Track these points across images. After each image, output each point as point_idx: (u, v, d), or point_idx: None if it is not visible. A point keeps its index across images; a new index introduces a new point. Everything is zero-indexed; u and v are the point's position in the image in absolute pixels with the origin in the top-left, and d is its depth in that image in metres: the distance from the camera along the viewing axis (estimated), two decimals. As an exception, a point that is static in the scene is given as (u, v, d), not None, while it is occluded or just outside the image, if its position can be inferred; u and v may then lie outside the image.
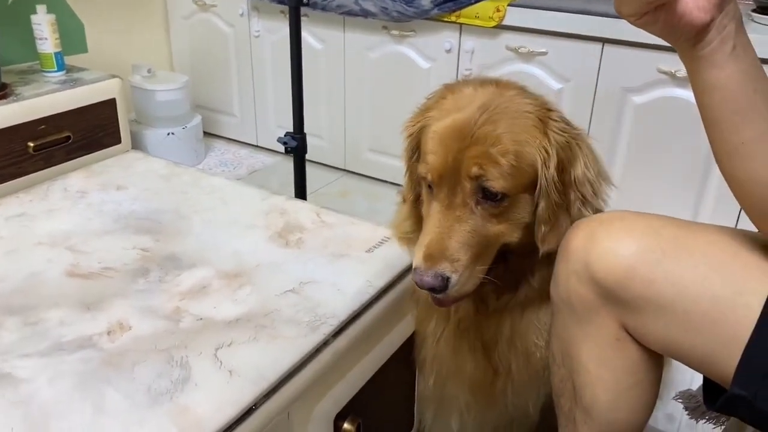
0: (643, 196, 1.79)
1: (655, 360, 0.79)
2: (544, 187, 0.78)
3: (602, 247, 0.73)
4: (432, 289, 0.76)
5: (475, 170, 0.76)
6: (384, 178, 2.33)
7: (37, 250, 0.93)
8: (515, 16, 1.89)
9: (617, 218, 0.76)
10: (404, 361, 1.02)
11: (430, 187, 0.81)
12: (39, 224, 1.00)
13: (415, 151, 0.86)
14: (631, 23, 0.64)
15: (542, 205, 0.78)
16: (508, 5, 1.90)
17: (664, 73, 1.68)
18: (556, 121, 0.79)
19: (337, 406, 0.86)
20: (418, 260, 0.76)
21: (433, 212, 0.79)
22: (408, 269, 0.94)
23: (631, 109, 1.78)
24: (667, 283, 0.70)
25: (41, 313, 0.80)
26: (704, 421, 1.00)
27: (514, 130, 0.77)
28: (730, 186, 0.69)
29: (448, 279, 0.75)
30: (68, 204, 1.06)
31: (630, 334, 0.76)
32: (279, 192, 1.12)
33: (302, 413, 0.79)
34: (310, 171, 1.90)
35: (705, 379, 0.76)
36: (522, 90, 0.83)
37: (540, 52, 1.89)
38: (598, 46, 1.78)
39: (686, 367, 0.75)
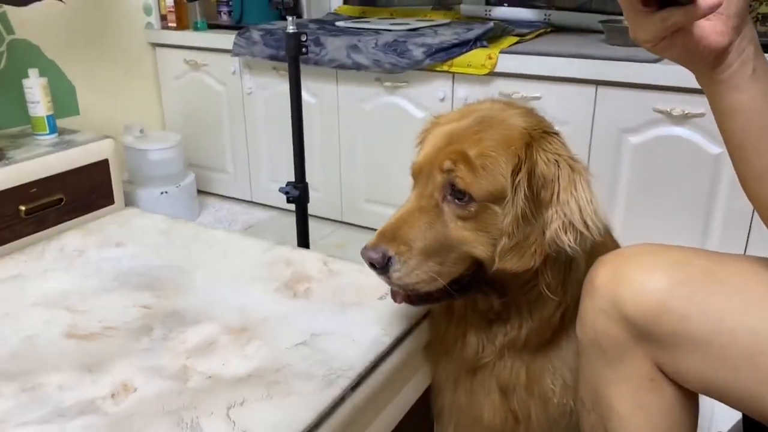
0: (647, 235, 1.78)
1: (692, 400, 0.75)
2: (510, 194, 0.75)
3: (631, 282, 0.70)
4: (372, 266, 0.75)
5: (447, 164, 0.76)
6: (382, 229, 2.31)
7: (34, 311, 0.89)
8: (507, 63, 1.92)
9: (642, 252, 0.73)
10: (423, 413, 0.97)
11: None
12: (35, 285, 0.96)
13: None
14: (647, 49, 0.63)
15: (509, 216, 0.75)
16: (500, 52, 1.92)
17: (660, 112, 1.69)
18: (549, 143, 0.78)
19: (356, 465, 0.81)
20: (371, 238, 0.77)
21: (406, 202, 0.80)
22: (425, 315, 0.91)
23: (629, 150, 1.78)
24: (702, 317, 0.67)
25: (39, 378, 0.75)
26: (740, 463, 0.95)
27: (498, 139, 0.77)
28: (757, 210, 0.67)
29: (389, 258, 0.74)
30: (65, 263, 1.02)
31: (665, 374, 0.72)
32: (278, 245, 1.09)
33: (321, 474, 0.74)
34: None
35: (745, 417, 0.72)
36: (528, 111, 0.83)
37: (533, 97, 1.90)
38: (591, 88, 1.80)
39: (707, 406, 0.72)
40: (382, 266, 0.75)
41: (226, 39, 2.43)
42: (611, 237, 0.92)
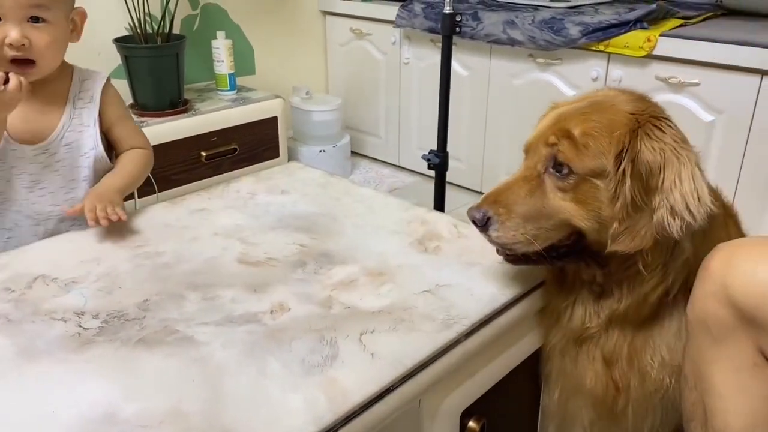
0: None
1: (793, 390, 0.77)
2: (614, 178, 0.80)
3: (741, 269, 0.73)
4: (474, 223, 0.86)
5: (551, 139, 0.83)
6: (520, 203, 2.36)
7: (215, 239, 1.08)
8: (667, 46, 1.87)
9: (759, 242, 0.76)
10: (530, 373, 1.06)
11: None
12: (216, 218, 1.16)
13: None
14: None
15: (618, 202, 0.80)
16: (660, 35, 1.88)
17: (831, 107, 1.59)
18: (658, 128, 0.81)
19: (464, 403, 0.92)
20: (478, 200, 0.87)
21: (513, 174, 0.88)
22: (539, 284, 0.99)
23: (791, 145, 1.69)
24: (807, 310, 0.70)
25: (217, 291, 0.94)
26: None
27: (603, 122, 0.82)
28: None
29: (489, 218, 0.85)
30: (240, 203, 1.22)
31: (768, 360, 0.75)
32: (418, 207, 1.21)
33: (432, 403, 0.86)
34: (447, 191, 1.99)
35: None
36: (640, 97, 0.87)
37: (692, 83, 1.85)
38: (756, 78, 1.72)
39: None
40: (482, 224, 0.85)
41: (390, 10, 2.57)
42: (736, 226, 0.94)
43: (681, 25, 1.97)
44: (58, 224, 1.21)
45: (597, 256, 0.86)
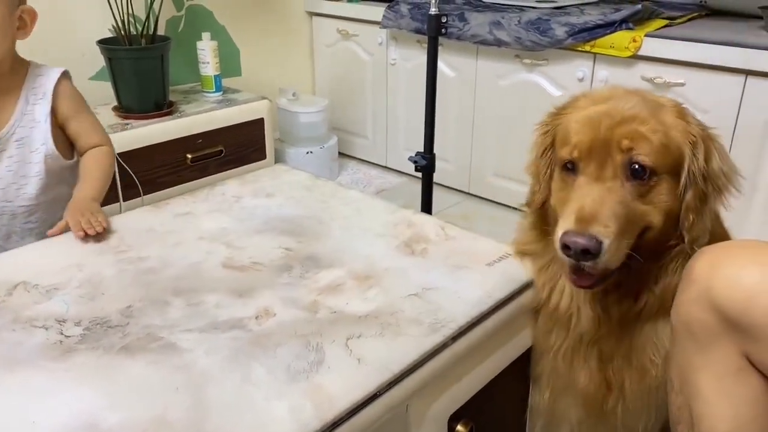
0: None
1: (779, 392, 0.77)
2: (693, 175, 0.80)
3: (725, 273, 0.73)
4: (585, 252, 0.75)
5: (626, 143, 0.79)
6: (506, 203, 2.36)
7: (199, 243, 1.07)
8: (652, 47, 1.88)
9: (742, 246, 0.76)
10: (519, 375, 1.06)
11: (568, 169, 0.84)
12: (201, 222, 1.15)
13: (549, 148, 0.90)
14: None
15: (690, 193, 0.81)
16: (645, 35, 1.89)
17: (814, 107, 1.60)
18: (693, 117, 0.84)
19: (452, 407, 0.91)
20: (569, 223, 0.77)
21: (579, 186, 0.81)
22: (527, 285, 0.98)
23: (775, 145, 1.70)
24: (793, 313, 0.70)
25: (201, 296, 0.92)
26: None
27: (659, 115, 0.81)
28: None
29: (601, 243, 0.74)
30: (226, 206, 1.20)
31: (753, 365, 0.75)
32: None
33: (420, 408, 0.85)
34: (435, 192, 1.98)
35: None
36: (650, 92, 0.88)
37: (677, 83, 1.86)
38: (740, 78, 1.73)
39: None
40: (596, 251, 0.75)
41: (376, 11, 2.56)
42: (722, 227, 0.94)
43: (666, 26, 1.98)
44: (11, 220, 1.19)
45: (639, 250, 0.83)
